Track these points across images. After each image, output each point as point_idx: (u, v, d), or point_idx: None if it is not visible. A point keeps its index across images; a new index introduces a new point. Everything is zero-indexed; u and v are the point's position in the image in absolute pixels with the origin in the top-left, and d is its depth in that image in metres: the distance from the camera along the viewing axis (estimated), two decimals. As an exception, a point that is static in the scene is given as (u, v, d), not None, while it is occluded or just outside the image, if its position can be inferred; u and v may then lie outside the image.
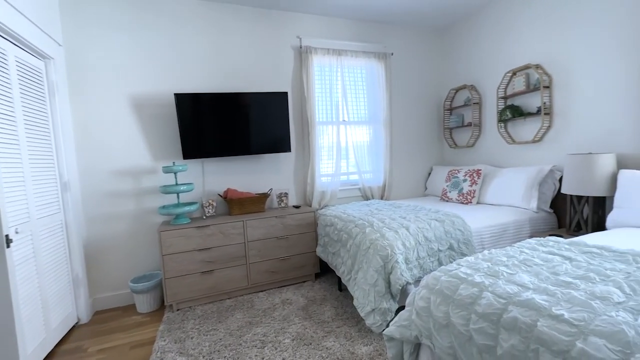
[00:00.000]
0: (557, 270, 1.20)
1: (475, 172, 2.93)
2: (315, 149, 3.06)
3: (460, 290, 1.18)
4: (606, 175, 2.10)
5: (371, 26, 3.37)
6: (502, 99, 2.98)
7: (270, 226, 2.68)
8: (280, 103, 2.87)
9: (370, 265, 1.94)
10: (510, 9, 2.90)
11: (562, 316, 0.89)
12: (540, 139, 2.71)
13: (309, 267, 2.84)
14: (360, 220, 2.31)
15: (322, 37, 3.14)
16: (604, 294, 0.98)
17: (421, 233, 2.06)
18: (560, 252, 1.39)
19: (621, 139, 2.21)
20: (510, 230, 2.40)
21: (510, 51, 2.93)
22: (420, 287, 1.36)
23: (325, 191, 3.15)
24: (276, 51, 3.01)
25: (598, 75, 2.31)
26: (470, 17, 3.32)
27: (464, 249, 2.15)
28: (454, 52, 3.58)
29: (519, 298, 1.01)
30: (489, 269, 1.25)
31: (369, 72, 3.32)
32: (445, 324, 1.16)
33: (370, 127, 3.37)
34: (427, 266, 2.00)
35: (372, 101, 3.34)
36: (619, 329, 0.80)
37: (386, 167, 3.38)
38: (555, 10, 2.55)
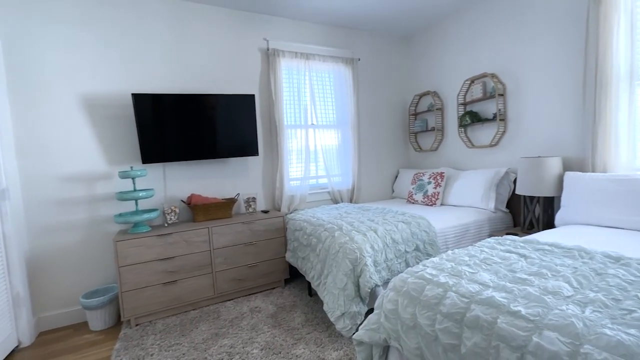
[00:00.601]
0: (514, 267, 1.27)
1: (439, 174, 3.05)
2: (284, 152, 3.02)
3: (426, 291, 1.20)
4: (554, 177, 2.27)
5: (339, 31, 3.41)
6: (462, 105, 3.14)
7: (237, 232, 2.59)
8: (247, 106, 2.81)
9: (339, 269, 1.94)
10: (468, 21, 3.07)
11: (519, 312, 0.94)
12: (497, 144, 2.89)
13: (278, 273, 2.78)
14: (329, 224, 2.30)
15: (290, 40, 3.13)
16: (555, 289, 1.04)
17: (389, 235, 2.09)
18: (516, 250, 1.47)
19: (566, 143, 2.41)
20: (472, 230, 2.52)
21: (468, 60, 3.10)
22: (388, 289, 1.38)
23: (295, 195, 3.12)
24: (243, 53, 2.94)
25: (545, 85, 2.50)
26: (433, 27, 3.48)
27: (430, 250, 2.21)
28: (417, 59, 3.72)
29: (481, 296, 1.05)
30: (453, 269, 1.29)
31: (337, 76, 3.35)
32: (412, 325, 1.18)
33: (339, 131, 3.39)
34: (394, 268, 2.04)
35: (340, 105, 3.37)
36: (569, 322, 0.85)
37: (355, 171, 3.42)
38: (507, 23, 2.74)
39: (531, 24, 2.56)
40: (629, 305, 0.92)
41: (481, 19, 2.95)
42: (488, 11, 2.89)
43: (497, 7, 2.81)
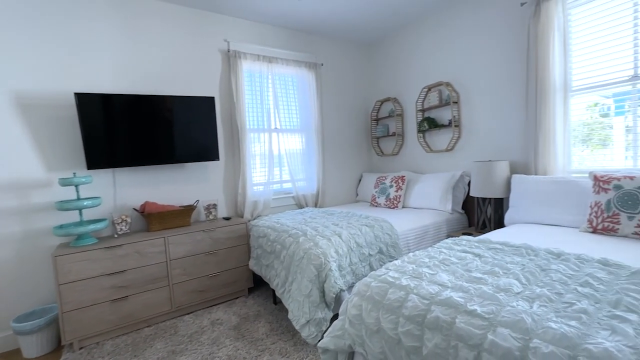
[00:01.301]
0: (470, 267, 1.33)
1: (400, 178, 3.15)
2: (246, 157, 2.94)
3: (389, 294, 1.21)
4: (502, 180, 2.44)
5: (302, 36, 3.40)
6: (421, 111, 3.28)
7: (197, 241, 2.46)
8: (207, 108, 2.69)
9: (304, 276, 1.91)
10: (425, 32, 3.23)
11: (475, 311, 0.97)
12: (452, 148, 3.05)
13: (241, 282, 2.68)
14: (293, 229, 2.26)
15: (252, 42, 3.06)
16: (507, 286, 1.10)
17: (353, 239, 2.11)
18: (471, 249, 1.54)
19: (513, 148, 2.61)
20: (431, 231, 2.62)
21: (426, 69, 3.26)
22: (352, 294, 1.37)
23: (258, 201, 3.04)
24: (202, 53, 2.82)
25: (493, 94, 2.70)
26: (392, 36, 3.60)
27: (392, 252, 2.26)
28: (379, 66, 3.83)
29: (440, 297, 1.08)
30: (414, 271, 1.32)
31: (300, 80, 3.34)
32: (376, 329, 1.18)
33: (303, 135, 3.38)
34: (359, 271, 2.05)
35: (304, 109, 3.36)
36: (519, 318, 0.90)
37: (319, 175, 3.41)
38: (459, 36, 2.92)
39: (480, 38, 2.75)
40: (570, 299, 1.00)
41: (436, 30, 3.12)
42: (442, 24, 3.05)
43: (450, 21, 2.98)
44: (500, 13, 2.59)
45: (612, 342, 0.76)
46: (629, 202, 1.69)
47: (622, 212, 1.70)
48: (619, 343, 0.76)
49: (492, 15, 2.66)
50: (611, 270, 1.17)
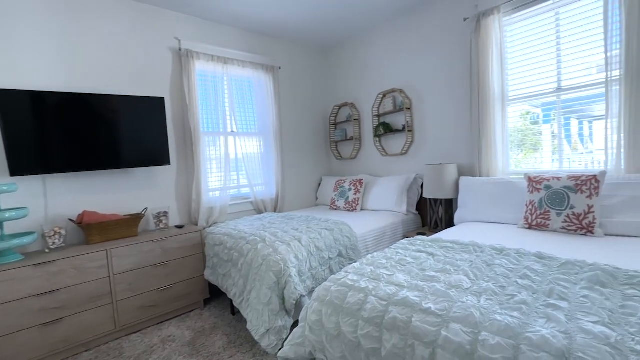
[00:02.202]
0: (424, 266, 1.38)
1: (358, 181, 3.22)
2: (201, 161, 2.80)
3: (348, 298, 1.21)
4: (452, 181, 2.61)
5: (259, 38, 3.35)
6: (376, 116, 3.39)
7: (145, 252, 2.27)
8: (156, 109, 2.52)
9: (263, 283, 1.85)
10: (378, 40, 3.36)
11: (429, 309, 1.01)
12: (406, 152, 3.19)
13: (196, 294, 2.53)
14: (252, 236, 2.19)
15: (206, 42, 2.94)
16: (457, 283, 1.16)
17: (313, 243, 2.09)
18: (425, 249, 1.61)
19: (460, 152, 2.80)
20: (388, 233, 2.70)
21: (381, 76, 3.38)
22: (312, 300, 1.35)
23: (214, 207, 2.90)
24: (151, 51, 2.64)
25: (442, 102, 2.88)
26: (348, 42, 3.69)
27: (352, 255, 2.29)
28: (336, 71, 3.90)
29: (397, 298, 1.11)
30: (372, 273, 1.34)
31: (258, 83, 3.28)
32: (336, 334, 1.18)
33: (261, 139, 3.31)
34: (319, 276, 2.04)
35: (262, 113, 3.30)
36: (469, 313, 0.95)
37: (278, 179, 3.36)
38: (410, 46, 3.08)
39: (429, 49, 2.93)
40: (512, 291, 1.08)
41: (389, 39, 3.26)
42: (394, 34, 3.20)
43: (401, 31, 3.13)
44: (447, 26, 2.79)
45: (547, 330, 0.83)
46: (557, 200, 1.89)
47: (552, 209, 1.90)
48: (554, 329, 0.83)
49: (439, 28, 2.84)
50: (545, 263, 1.29)
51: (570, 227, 1.82)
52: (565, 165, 2.29)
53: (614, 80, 1.93)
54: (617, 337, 0.77)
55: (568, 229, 1.83)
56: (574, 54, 2.18)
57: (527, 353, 0.78)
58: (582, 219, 1.79)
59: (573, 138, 2.32)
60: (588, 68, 2.14)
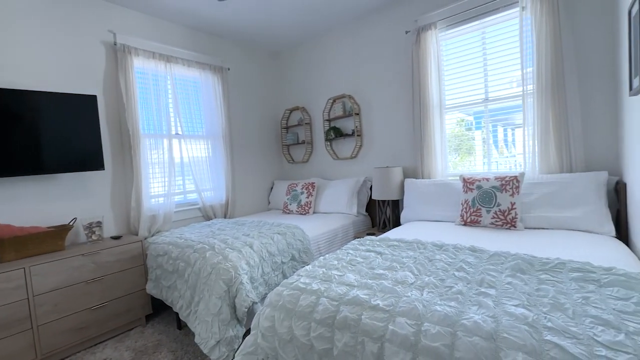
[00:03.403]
0: (373, 265, 1.44)
1: (310, 185, 3.25)
2: (141, 165, 2.59)
3: (300, 301, 1.21)
4: (397, 183, 2.76)
5: (207, 37, 3.22)
6: (327, 121, 3.47)
7: (73, 268, 2.03)
8: (86, 109, 2.28)
9: (212, 293, 1.77)
10: (328, 46, 3.44)
11: (378, 306, 1.05)
12: (356, 156, 3.31)
13: (136, 310, 2.32)
14: (200, 244, 2.08)
15: (146, 38, 2.74)
16: (403, 279, 1.23)
17: (265, 249, 2.06)
18: (374, 248, 1.68)
19: (404, 155, 2.98)
20: (340, 234, 2.77)
21: (330, 81, 3.47)
22: (264, 306, 1.33)
23: (157, 214, 2.70)
24: (80, 44, 2.38)
25: (388, 108, 3.04)
26: (299, 46, 3.73)
27: (305, 258, 2.30)
28: (287, 75, 3.90)
29: (348, 297, 1.14)
30: (324, 275, 1.36)
31: (205, 84, 3.14)
32: (289, 339, 1.17)
33: (209, 142, 3.18)
34: (272, 281, 2.01)
35: (210, 115, 3.17)
36: (413, 306, 1.01)
37: (228, 184, 3.25)
38: (358, 53, 3.21)
39: (376, 57, 3.08)
40: (450, 283, 1.17)
41: (339, 46, 3.36)
42: (343, 41, 3.31)
43: (350, 39, 3.26)
44: (391, 38, 2.96)
45: (479, 315, 0.92)
46: (487, 199, 2.11)
47: (482, 207, 2.11)
48: (484, 315, 0.93)
49: (384, 39, 3.01)
50: (477, 255, 1.43)
51: (498, 223, 2.04)
52: (494, 167, 2.58)
53: (528, 93, 2.22)
54: (533, 317, 0.88)
55: (496, 224, 2.05)
56: (498, 69, 2.46)
57: (463, 338, 0.86)
58: (506, 215, 2.02)
59: (500, 143, 2.62)
60: (510, 82, 2.43)
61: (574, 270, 1.18)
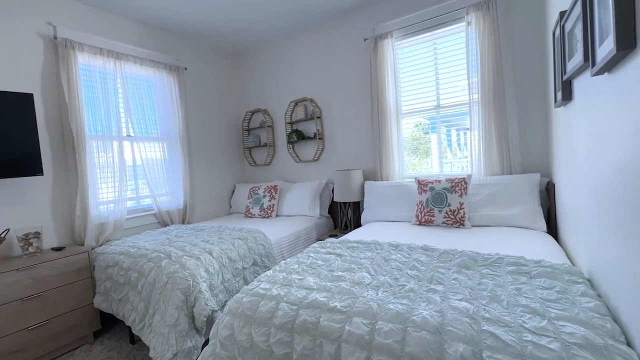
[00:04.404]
0: (332, 267, 1.48)
1: (273, 188, 3.23)
2: (87, 170, 2.40)
3: (260, 307, 1.21)
4: (358, 186, 2.85)
5: (161, 35, 3.07)
6: (289, 124, 3.47)
7: (7, 285, 1.83)
8: (21, 108, 2.06)
9: (169, 303, 1.70)
10: (292, 49, 3.45)
11: (335, 307, 1.09)
12: (318, 159, 3.35)
13: (83, 326, 2.15)
14: (155, 252, 1.98)
15: (92, 32, 2.55)
16: (360, 280, 1.28)
17: (225, 255, 2.02)
18: (334, 250, 1.73)
19: (365, 158, 3.08)
20: (303, 237, 2.79)
21: (292, 84, 3.48)
22: (223, 314, 1.31)
23: (106, 222, 2.52)
24: (13, 37, 2.15)
25: (349, 113, 3.13)
26: (260, 48, 3.69)
27: (267, 262, 2.28)
28: (248, 77, 3.84)
29: (307, 301, 1.16)
30: (284, 279, 1.37)
31: (160, 83, 3.00)
32: (248, 346, 1.16)
33: (165, 145, 3.03)
34: (233, 287, 1.97)
35: (165, 116, 3.02)
36: (368, 306, 1.06)
37: (186, 188, 3.12)
38: (320, 58, 3.26)
39: (337, 62, 3.15)
40: (403, 281, 1.24)
41: (300, 49, 3.38)
42: (305, 45, 3.34)
43: (311, 43, 3.30)
44: (351, 44, 3.05)
45: (427, 311, 0.99)
46: (439, 200, 2.25)
47: (435, 207, 2.25)
48: (431, 310, 1.00)
49: (345, 45, 3.09)
50: (429, 254, 1.53)
51: (449, 222, 2.19)
52: (449, 168, 2.74)
53: (474, 101, 2.42)
54: (473, 309, 0.97)
55: (447, 223, 2.20)
56: (448, 78, 2.64)
57: (412, 334, 0.92)
58: (456, 214, 2.17)
59: (453, 146, 2.80)
60: (460, 90, 2.61)
61: (510, 264, 1.31)
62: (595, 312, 0.92)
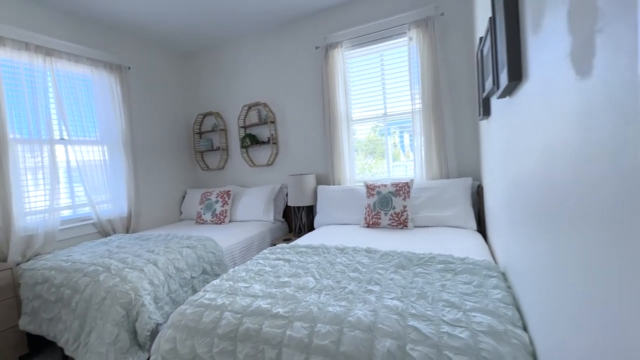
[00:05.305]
0: (280, 273, 1.51)
1: (226, 193, 3.18)
2: (10, 177, 2.16)
3: (204, 318, 1.21)
4: (311, 190, 2.91)
5: (101, 31, 2.87)
6: (243, 128, 3.44)
7: None
8: None
9: (107, 320, 1.60)
10: (244, 53, 3.42)
11: (278, 313, 1.13)
12: (272, 163, 3.36)
13: (6, 351, 1.94)
14: (92, 266, 1.86)
15: (16, 24, 2.30)
16: (304, 284, 1.33)
17: (172, 265, 1.95)
18: (284, 256, 1.76)
19: (317, 163, 3.15)
20: (256, 242, 2.78)
21: (246, 88, 3.45)
22: (165, 328, 1.28)
23: (35, 234, 2.29)
24: None
25: (303, 118, 3.18)
26: (213, 49, 3.61)
27: (218, 270, 2.25)
28: (199, 78, 3.73)
29: (251, 309, 1.18)
30: (231, 288, 1.38)
31: (99, 83, 2.80)
32: (191, 358, 1.15)
33: (106, 148, 2.83)
34: (180, 298, 1.91)
35: (106, 118, 2.83)
36: (309, 310, 1.11)
37: (131, 194, 2.95)
38: (274, 62, 3.27)
39: (290, 68, 3.19)
40: (345, 284, 1.32)
41: (253, 54, 3.37)
42: (256, 49, 3.34)
43: (263, 48, 3.30)
44: (304, 51, 3.11)
45: (362, 311, 1.07)
46: (385, 203, 2.40)
47: (382, 210, 2.39)
48: (366, 310, 1.08)
49: (297, 52, 3.14)
50: (371, 256, 1.63)
51: (393, 224, 2.34)
52: (402, 170, 2.87)
53: (416, 111, 2.61)
54: (402, 307, 1.07)
55: (392, 225, 2.34)
56: (394, 88, 2.81)
57: (347, 333, 0.99)
58: (400, 217, 2.33)
59: (406, 149, 2.96)
60: (404, 100, 2.78)
61: (440, 263, 1.45)
62: (502, 302, 1.07)
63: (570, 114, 0.52)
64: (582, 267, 0.53)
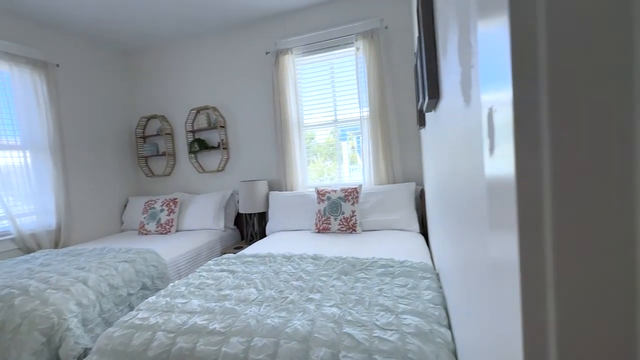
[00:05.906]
0: (222, 285, 1.46)
1: (172, 201, 3.01)
2: None
3: (133, 340, 1.13)
4: (263, 196, 2.87)
5: (23, 23, 2.56)
6: (191, 132, 3.29)
7: None
8: None
9: (23, 350, 1.43)
10: (191, 54, 3.28)
11: (214, 330, 1.09)
12: (223, 169, 3.26)
13: None
14: (5, 289, 1.64)
15: None
16: (246, 296, 1.30)
17: (105, 282, 1.80)
18: (228, 267, 1.71)
19: (270, 169, 3.12)
20: (204, 252, 2.67)
21: (193, 91, 3.31)
22: (90, 354, 1.17)
23: None
24: None
25: (254, 123, 3.13)
26: (156, 49, 3.41)
27: (160, 284, 2.11)
28: (142, 80, 3.50)
29: (186, 327, 1.13)
30: (167, 305, 1.30)
31: (20, 81, 2.50)
32: (118, 385, 1.07)
33: (28, 154, 2.54)
34: (114, 318, 1.76)
35: (28, 120, 2.53)
36: (247, 324, 1.09)
37: (60, 205, 2.67)
38: (223, 66, 3.18)
39: (240, 73, 3.13)
40: (287, 293, 1.31)
41: (201, 56, 3.24)
42: (204, 51, 3.22)
43: (212, 51, 3.20)
44: (254, 56, 3.06)
45: (300, 321, 1.08)
46: (334, 208, 2.44)
47: (331, 216, 2.43)
48: (304, 320, 1.08)
49: (247, 56, 3.09)
50: (316, 263, 1.65)
51: (343, 228, 2.39)
52: (359, 174, 2.90)
53: (364, 117, 2.70)
54: (340, 314, 1.09)
55: (341, 230, 2.39)
56: (343, 95, 2.88)
57: (283, 346, 0.98)
58: (349, 222, 2.38)
59: (362, 153, 3.01)
60: (353, 107, 2.86)
61: (380, 267, 1.51)
62: (431, 303, 1.14)
63: (461, 137, 0.57)
64: (472, 262, 0.58)
